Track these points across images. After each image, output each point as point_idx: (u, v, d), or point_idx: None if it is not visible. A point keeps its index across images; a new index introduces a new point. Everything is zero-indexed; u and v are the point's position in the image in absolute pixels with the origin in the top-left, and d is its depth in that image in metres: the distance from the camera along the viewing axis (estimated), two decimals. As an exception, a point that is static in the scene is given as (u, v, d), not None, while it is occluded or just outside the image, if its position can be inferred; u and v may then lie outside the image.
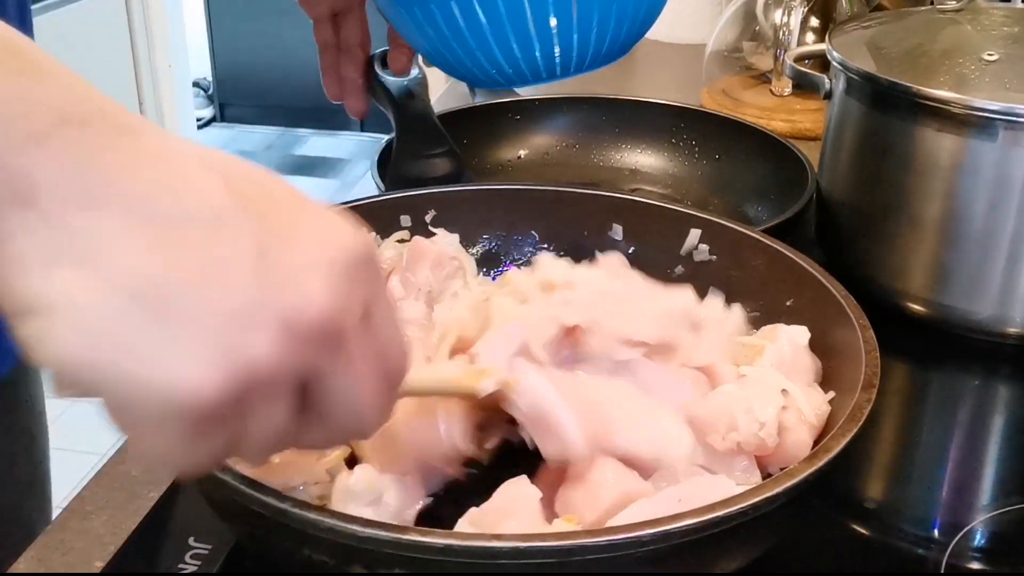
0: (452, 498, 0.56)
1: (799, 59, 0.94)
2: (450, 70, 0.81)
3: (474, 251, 0.75)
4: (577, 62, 0.76)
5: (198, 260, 0.34)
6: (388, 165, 0.90)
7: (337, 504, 0.51)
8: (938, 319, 0.82)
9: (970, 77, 0.78)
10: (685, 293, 0.67)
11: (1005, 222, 0.76)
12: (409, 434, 0.54)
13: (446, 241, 0.70)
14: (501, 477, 0.54)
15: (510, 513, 0.51)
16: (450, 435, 0.54)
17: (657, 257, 0.72)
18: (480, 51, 0.74)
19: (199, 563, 0.58)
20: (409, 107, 0.92)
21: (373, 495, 0.51)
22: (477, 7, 0.72)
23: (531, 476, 0.54)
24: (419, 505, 0.55)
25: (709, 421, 0.56)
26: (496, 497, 0.52)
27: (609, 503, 0.51)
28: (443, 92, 1.41)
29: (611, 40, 0.76)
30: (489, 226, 0.75)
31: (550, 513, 0.53)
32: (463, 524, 0.51)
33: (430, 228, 0.73)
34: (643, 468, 0.55)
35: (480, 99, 1.12)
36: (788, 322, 0.64)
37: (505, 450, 0.59)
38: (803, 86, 0.99)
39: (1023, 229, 0.76)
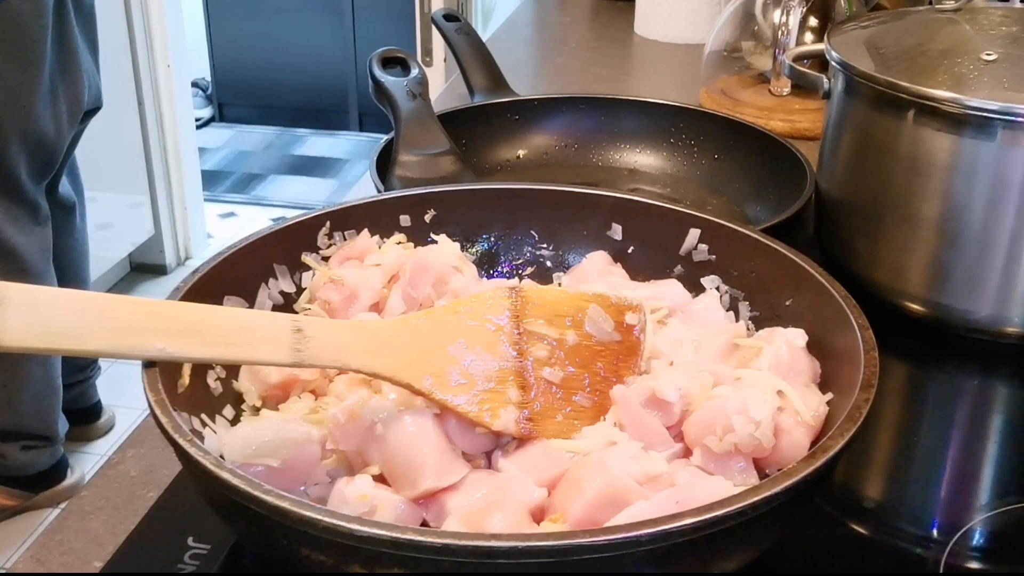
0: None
1: (798, 59, 0.94)
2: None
3: (474, 251, 0.75)
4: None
5: None
6: (387, 165, 0.90)
7: (332, 508, 0.51)
8: (937, 319, 0.82)
9: (968, 77, 0.78)
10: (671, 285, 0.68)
11: (1003, 222, 0.76)
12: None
13: (448, 251, 0.69)
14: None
15: (497, 506, 0.51)
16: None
17: (656, 257, 0.72)
18: None
19: (198, 563, 0.58)
20: (409, 107, 0.92)
21: (365, 507, 0.51)
22: None
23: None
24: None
25: (705, 423, 0.56)
26: (483, 492, 0.53)
27: (592, 495, 0.51)
28: (443, 92, 1.41)
29: None
30: (489, 226, 0.75)
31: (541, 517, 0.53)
32: (451, 522, 0.51)
33: (430, 229, 0.73)
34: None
35: (480, 99, 1.11)
36: (787, 322, 0.64)
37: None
38: (802, 86, 0.99)
39: (1021, 228, 0.76)
